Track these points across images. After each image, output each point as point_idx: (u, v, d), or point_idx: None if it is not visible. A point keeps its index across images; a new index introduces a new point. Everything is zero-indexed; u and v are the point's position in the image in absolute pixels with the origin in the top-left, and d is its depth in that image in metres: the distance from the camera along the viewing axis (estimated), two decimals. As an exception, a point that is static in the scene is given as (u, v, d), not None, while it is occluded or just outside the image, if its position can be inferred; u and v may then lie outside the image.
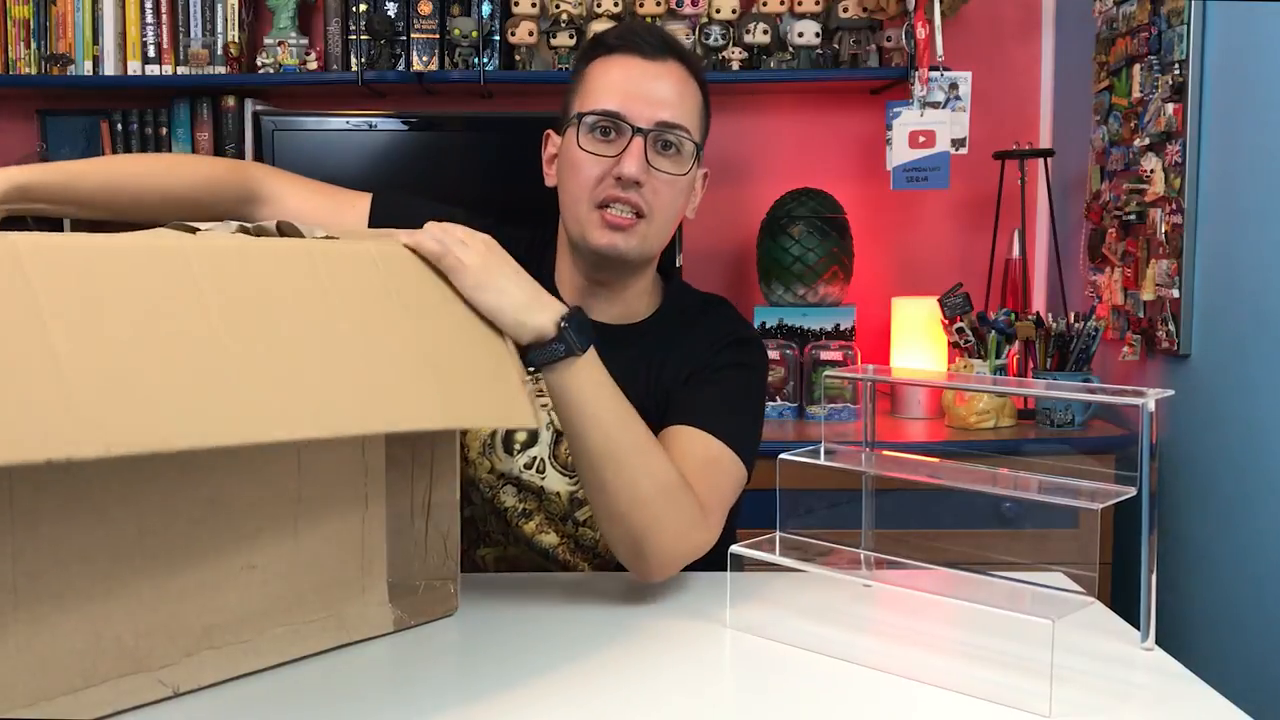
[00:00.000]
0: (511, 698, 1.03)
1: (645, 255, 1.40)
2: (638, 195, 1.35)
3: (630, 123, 1.35)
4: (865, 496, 1.25)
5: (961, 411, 2.29)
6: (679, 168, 1.37)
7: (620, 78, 1.36)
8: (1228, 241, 1.95)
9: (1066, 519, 2.06)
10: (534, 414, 1.14)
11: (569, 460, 1.38)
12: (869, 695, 1.02)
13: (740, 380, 1.40)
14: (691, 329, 1.44)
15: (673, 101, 1.36)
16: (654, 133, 1.35)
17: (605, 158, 1.35)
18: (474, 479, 1.42)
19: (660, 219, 1.38)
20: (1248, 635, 1.87)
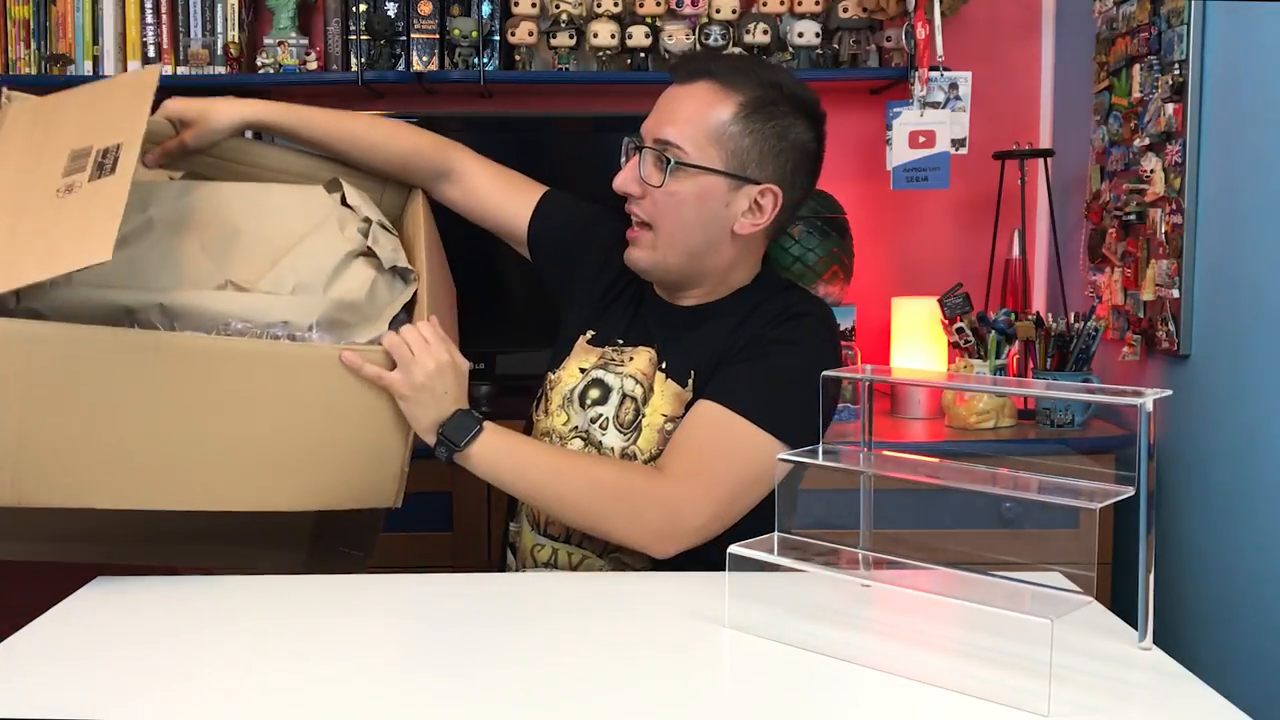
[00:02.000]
0: (510, 697, 1.03)
1: (659, 267, 1.49)
2: (637, 206, 1.47)
3: (640, 139, 1.47)
4: (864, 496, 1.25)
5: (961, 411, 2.29)
6: (662, 180, 1.44)
7: (659, 101, 1.49)
8: (1228, 241, 1.95)
9: (1066, 519, 2.06)
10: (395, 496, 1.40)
11: (629, 420, 1.48)
12: (868, 695, 1.02)
13: (782, 356, 1.43)
14: (758, 309, 1.50)
15: (678, 119, 1.45)
16: (648, 149, 1.45)
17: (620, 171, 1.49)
18: (551, 429, 1.54)
19: (666, 229, 1.46)
20: (1247, 635, 1.87)
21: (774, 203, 1.46)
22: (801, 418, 1.37)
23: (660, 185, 1.43)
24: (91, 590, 1.35)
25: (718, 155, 1.43)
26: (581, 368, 1.54)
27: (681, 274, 1.49)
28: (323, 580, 1.39)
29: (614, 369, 1.51)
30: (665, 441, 1.44)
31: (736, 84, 1.44)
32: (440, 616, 1.28)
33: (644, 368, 1.50)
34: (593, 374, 1.52)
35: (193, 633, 1.21)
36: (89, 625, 1.23)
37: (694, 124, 1.43)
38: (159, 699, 1.03)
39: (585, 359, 1.54)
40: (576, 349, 1.57)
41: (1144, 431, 1.03)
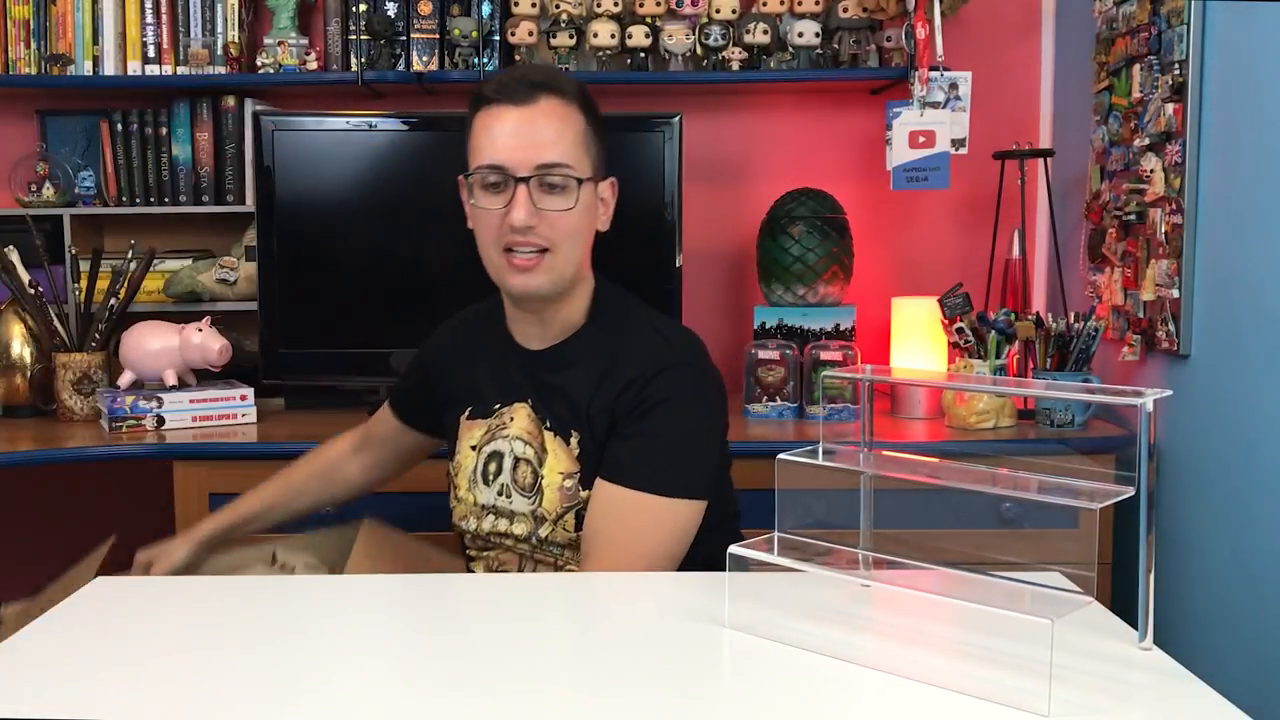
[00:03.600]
0: (511, 696, 1.03)
1: (559, 284, 1.50)
2: (535, 236, 1.46)
3: (512, 173, 1.44)
4: (864, 496, 1.24)
5: (961, 411, 2.28)
6: (566, 202, 1.46)
7: (498, 129, 1.46)
8: (1228, 241, 1.95)
9: (1065, 519, 2.06)
10: None
11: (528, 483, 1.52)
12: (868, 695, 1.02)
13: (666, 417, 1.46)
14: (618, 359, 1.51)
15: (549, 140, 1.45)
16: (535, 177, 1.44)
17: (497, 210, 1.46)
18: (467, 513, 1.59)
19: (565, 247, 1.48)
20: (1246, 635, 1.87)
21: (613, 189, 1.56)
22: (703, 468, 1.47)
23: (571, 207, 1.46)
24: (91, 590, 1.35)
25: (589, 163, 1.49)
26: (472, 446, 1.59)
27: (565, 286, 1.51)
28: (322, 580, 1.39)
29: (500, 435, 1.56)
30: (569, 499, 1.49)
31: (568, 91, 1.48)
32: (440, 616, 1.28)
33: (527, 426, 1.54)
34: (485, 449, 1.57)
35: (193, 633, 1.21)
36: (89, 625, 1.23)
37: (567, 139, 1.46)
38: (159, 699, 1.03)
39: (472, 436, 1.59)
40: (462, 431, 1.61)
41: (1144, 431, 1.03)
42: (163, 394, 2.34)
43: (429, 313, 1.76)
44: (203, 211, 2.67)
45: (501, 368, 1.58)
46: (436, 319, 1.75)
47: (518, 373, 1.56)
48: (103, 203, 2.69)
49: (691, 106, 2.64)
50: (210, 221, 2.72)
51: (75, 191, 2.67)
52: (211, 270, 2.61)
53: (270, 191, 2.42)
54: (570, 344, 1.54)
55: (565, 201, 1.46)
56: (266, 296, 2.44)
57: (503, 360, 1.59)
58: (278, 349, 2.46)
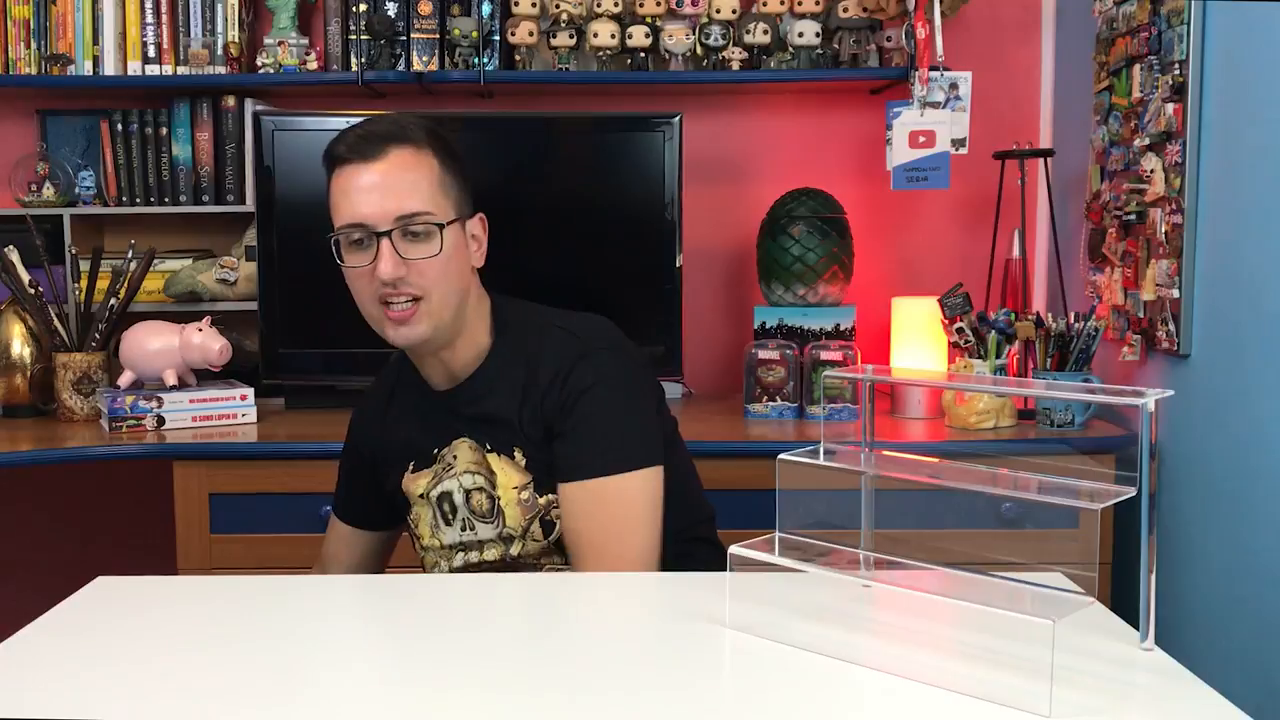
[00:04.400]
0: (511, 696, 1.03)
1: (440, 328, 1.50)
2: (406, 286, 1.46)
3: (373, 228, 1.45)
4: (865, 496, 1.24)
5: (961, 411, 2.28)
6: (431, 249, 1.46)
7: (353, 187, 1.46)
8: (1228, 241, 1.95)
9: (1066, 519, 2.06)
10: None
11: (487, 508, 1.53)
12: (868, 695, 1.02)
13: (596, 402, 1.49)
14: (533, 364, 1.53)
15: (405, 191, 1.46)
16: (397, 229, 1.45)
17: (364, 268, 1.46)
18: (435, 560, 1.60)
19: (439, 292, 1.48)
20: (1248, 635, 1.87)
21: (483, 225, 1.56)
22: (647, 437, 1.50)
23: (437, 253, 1.45)
24: (91, 590, 1.35)
25: (450, 206, 1.49)
26: (421, 495, 1.58)
27: (452, 329, 1.51)
28: (322, 580, 1.39)
29: (447, 476, 1.56)
30: (530, 510, 1.50)
31: (418, 140, 1.48)
32: (440, 616, 1.28)
33: (471, 457, 1.55)
34: (433, 493, 1.57)
35: (193, 633, 1.21)
36: (89, 625, 1.23)
37: (422, 188, 1.46)
38: (159, 699, 1.03)
39: (419, 486, 1.58)
40: (409, 485, 1.59)
41: (1145, 431, 1.03)
42: (163, 394, 2.34)
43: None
44: (203, 211, 2.67)
45: (426, 414, 1.59)
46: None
47: (444, 413, 1.56)
48: (103, 203, 2.69)
49: (691, 106, 2.64)
50: (210, 221, 2.72)
51: (75, 191, 2.67)
52: (211, 270, 2.61)
53: (270, 191, 2.42)
54: (483, 371, 1.55)
55: (430, 248, 1.45)
56: (266, 296, 2.44)
57: (424, 407, 1.59)
58: (278, 349, 2.46)
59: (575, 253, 2.49)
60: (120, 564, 1.59)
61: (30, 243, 2.46)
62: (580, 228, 2.49)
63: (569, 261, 2.49)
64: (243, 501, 2.18)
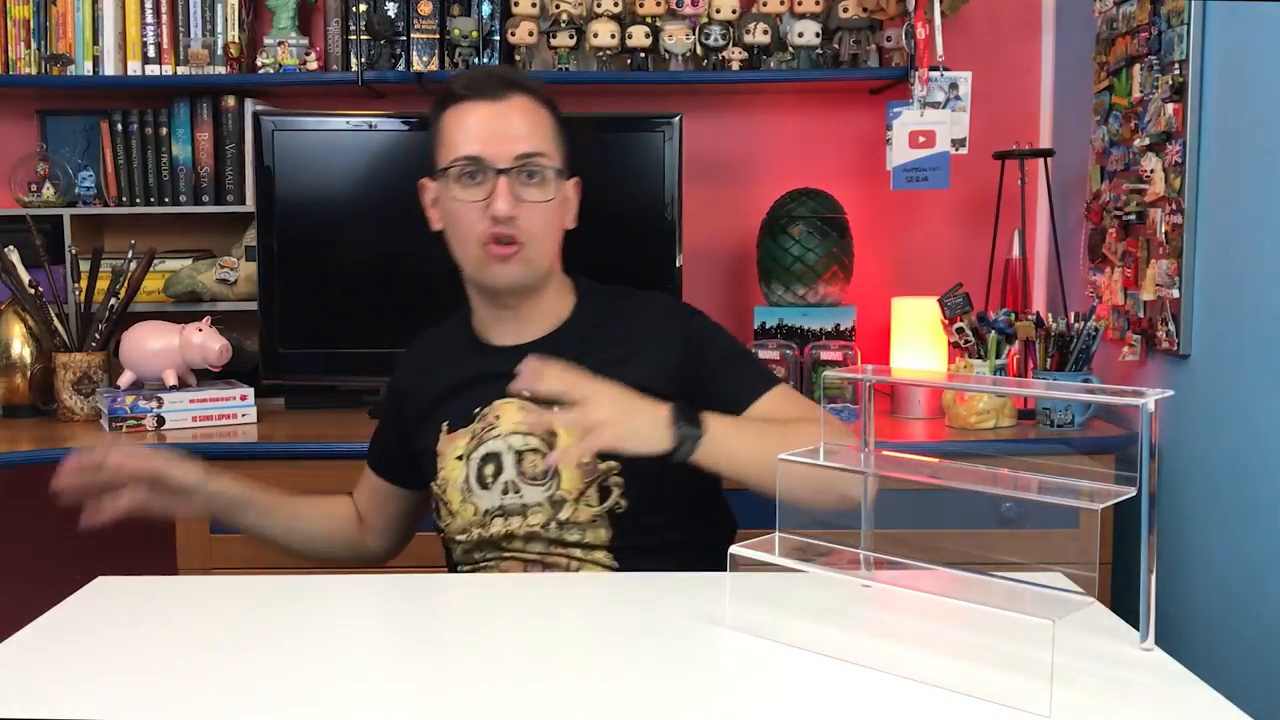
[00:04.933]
0: (511, 696, 1.03)
1: (536, 276, 1.52)
2: (513, 227, 1.46)
3: (491, 164, 1.45)
4: (865, 496, 1.24)
5: (961, 411, 2.28)
6: (546, 193, 1.48)
7: (473, 122, 1.47)
8: (1228, 241, 1.95)
9: (1066, 519, 2.06)
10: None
11: (535, 472, 1.49)
12: (869, 695, 1.02)
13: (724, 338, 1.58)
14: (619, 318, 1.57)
15: (526, 133, 1.47)
16: (515, 168, 1.46)
17: (477, 202, 1.46)
18: (465, 526, 1.53)
19: (540, 240, 1.50)
20: (1248, 635, 1.87)
21: (578, 190, 1.58)
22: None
23: (551, 198, 1.48)
24: (91, 590, 1.35)
25: (561, 158, 1.51)
26: (458, 456, 1.53)
27: (541, 279, 1.53)
28: (322, 580, 1.39)
29: (490, 437, 1.51)
30: (589, 474, 1.47)
31: (536, 92, 1.50)
32: (440, 616, 1.28)
33: (520, 418, 1.50)
34: (474, 455, 1.51)
35: (193, 633, 1.21)
36: (89, 625, 1.23)
37: (541, 133, 1.49)
38: (159, 699, 1.03)
39: (456, 447, 1.53)
40: (443, 446, 1.55)
41: (1145, 432, 1.03)
42: (163, 394, 2.34)
43: (429, 312, 1.75)
44: (203, 211, 2.67)
45: (473, 371, 1.56)
46: (437, 318, 1.74)
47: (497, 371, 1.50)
48: (103, 203, 2.69)
49: (691, 106, 2.64)
50: (210, 221, 2.72)
51: (75, 191, 2.67)
52: (211, 270, 2.61)
53: (270, 191, 2.42)
54: (564, 332, 1.55)
55: (545, 192, 1.47)
56: (266, 296, 2.44)
57: (474, 363, 1.56)
58: (278, 349, 2.46)
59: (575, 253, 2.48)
60: (120, 564, 1.59)
61: (30, 243, 2.46)
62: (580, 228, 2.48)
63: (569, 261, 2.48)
64: (243, 501, 2.18)
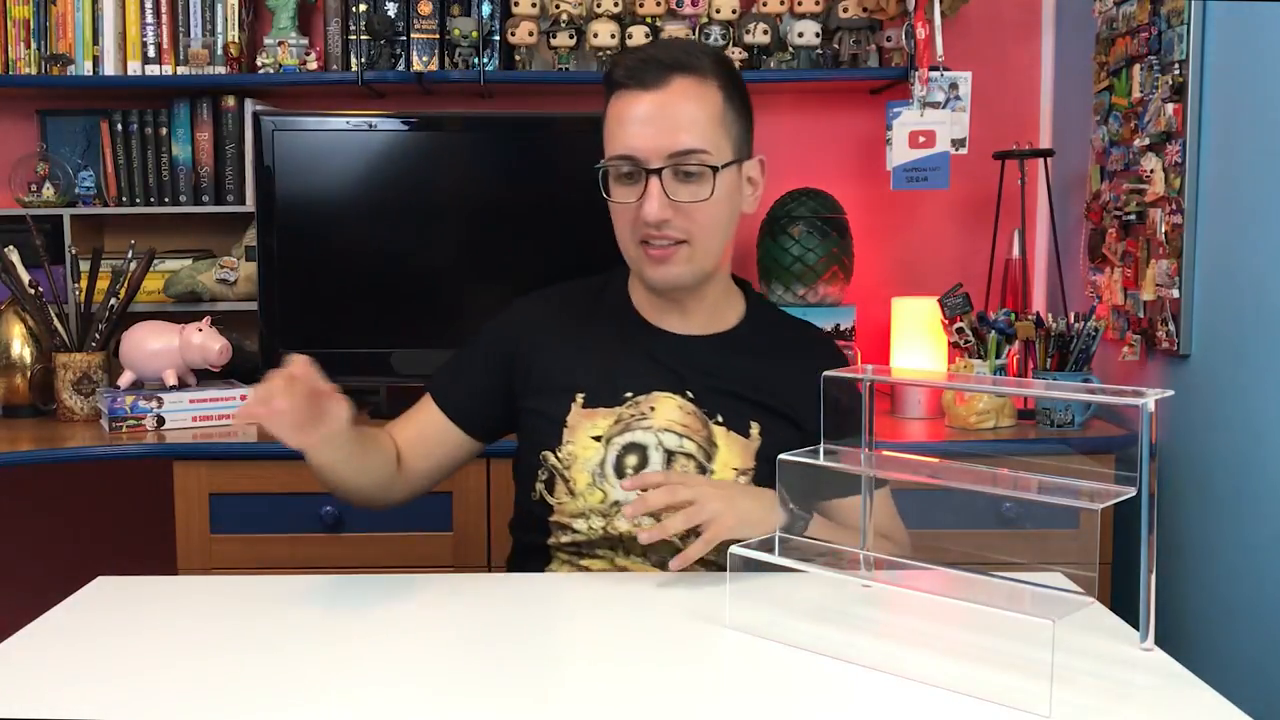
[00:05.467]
0: (511, 696, 1.03)
1: (699, 276, 1.44)
2: (668, 229, 1.39)
3: (644, 163, 1.38)
4: (865, 496, 1.24)
5: (961, 411, 2.28)
6: (702, 191, 1.39)
7: (629, 116, 1.39)
8: (1228, 241, 1.95)
9: (1066, 519, 2.05)
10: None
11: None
12: (869, 695, 1.02)
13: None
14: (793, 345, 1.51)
15: (682, 125, 1.38)
16: (668, 167, 1.37)
17: (631, 203, 1.39)
18: (585, 509, 1.44)
19: (704, 237, 1.41)
20: (1248, 635, 1.87)
21: (762, 169, 1.50)
22: None
23: (708, 197, 1.38)
24: (91, 590, 1.35)
25: (729, 146, 1.42)
26: (595, 436, 1.43)
27: (705, 276, 1.45)
28: (322, 580, 1.39)
29: (639, 426, 1.43)
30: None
31: (703, 69, 1.40)
32: (440, 616, 1.28)
33: (680, 418, 1.43)
34: (616, 440, 1.43)
35: (193, 633, 1.21)
36: (89, 625, 1.23)
37: (702, 124, 1.39)
38: (159, 699, 1.03)
39: (595, 426, 1.44)
40: (574, 420, 1.45)
41: (1145, 432, 1.03)
42: (163, 394, 2.34)
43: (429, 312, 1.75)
44: (203, 211, 2.67)
45: (634, 348, 1.47)
46: (437, 318, 1.73)
47: (665, 359, 1.46)
48: (103, 203, 2.69)
49: (691, 106, 2.63)
50: (210, 221, 2.72)
51: (75, 191, 2.67)
52: (211, 270, 2.61)
53: (270, 191, 2.42)
54: (740, 334, 1.49)
55: (702, 191, 1.38)
56: (266, 296, 2.44)
57: (635, 340, 1.48)
58: (278, 349, 2.45)
59: (575, 253, 2.48)
60: (120, 564, 1.59)
61: (30, 243, 2.46)
62: (580, 228, 2.48)
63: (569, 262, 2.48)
64: (243, 501, 2.18)
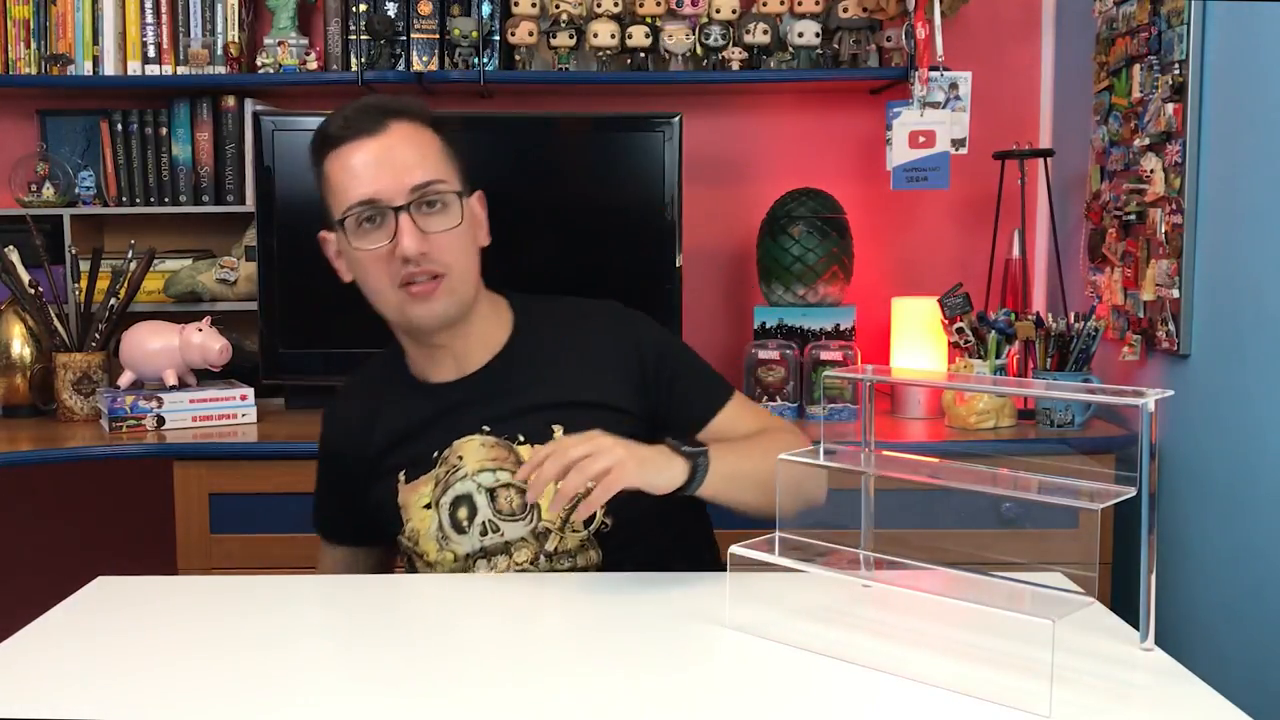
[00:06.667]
0: (511, 696, 1.03)
1: (463, 305, 1.44)
2: (427, 263, 1.38)
3: (387, 203, 1.37)
4: (865, 496, 1.24)
5: (961, 411, 2.28)
6: (451, 219, 1.40)
7: (358, 164, 1.38)
8: (1228, 241, 1.95)
9: (1066, 519, 2.06)
10: None
11: (510, 507, 1.44)
12: (869, 695, 1.02)
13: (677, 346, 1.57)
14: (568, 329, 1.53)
15: (414, 161, 1.39)
16: (413, 202, 1.38)
17: (383, 246, 1.38)
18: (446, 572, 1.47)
19: (459, 267, 1.42)
20: (1248, 635, 1.87)
21: (482, 203, 1.50)
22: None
23: (458, 223, 1.39)
24: (91, 590, 1.35)
25: (457, 178, 1.43)
26: (426, 505, 1.46)
27: (469, 307, 1.45)
28: (321, 580, 1.39)
29: (457, 479, 1.45)
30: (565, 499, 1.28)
31: (415, 113, 1.42)
32: (441, 615, 1.28)
33: (486, 454, 1.45)
34: (444, 500, 1.45)
35: (193, 633, 1.21)
36: (89, 625, 1.23)
37: (432, 158, 1.40)
38: (159, 699, 1.03)
39: (421, 495, 1.47)
40: (405, 497, 1.47)
41: (1145, 432, 1.03)
42: (163, 394, 2.34)
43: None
44: (203, 211, 2.67)
45: (422, 414, 1.49)
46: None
47: (448, 410, 1.47)
48: (103, 203, 2.69)
49: (691, 106, 2.64)
50: (210, 221, 2.72)
51: (75, 191, 2.67)
52: (211, 270, 2.61)
53: (270, 191, 2.42)
54: (508, 358, 1.49)
55: (450, 219, 1.39)
56: (266, 296, 2.44)
57: (420, 406, 1.49)
58: (278, 349, 2.46)
59: (575, 253, 2.49)
60: (120, 564, 1.59)
61: (30, 243, 2.46)
62: (580, 228, 2.49)
63: (569, 262, 2.49)
64: (242, 501, 2.18)
